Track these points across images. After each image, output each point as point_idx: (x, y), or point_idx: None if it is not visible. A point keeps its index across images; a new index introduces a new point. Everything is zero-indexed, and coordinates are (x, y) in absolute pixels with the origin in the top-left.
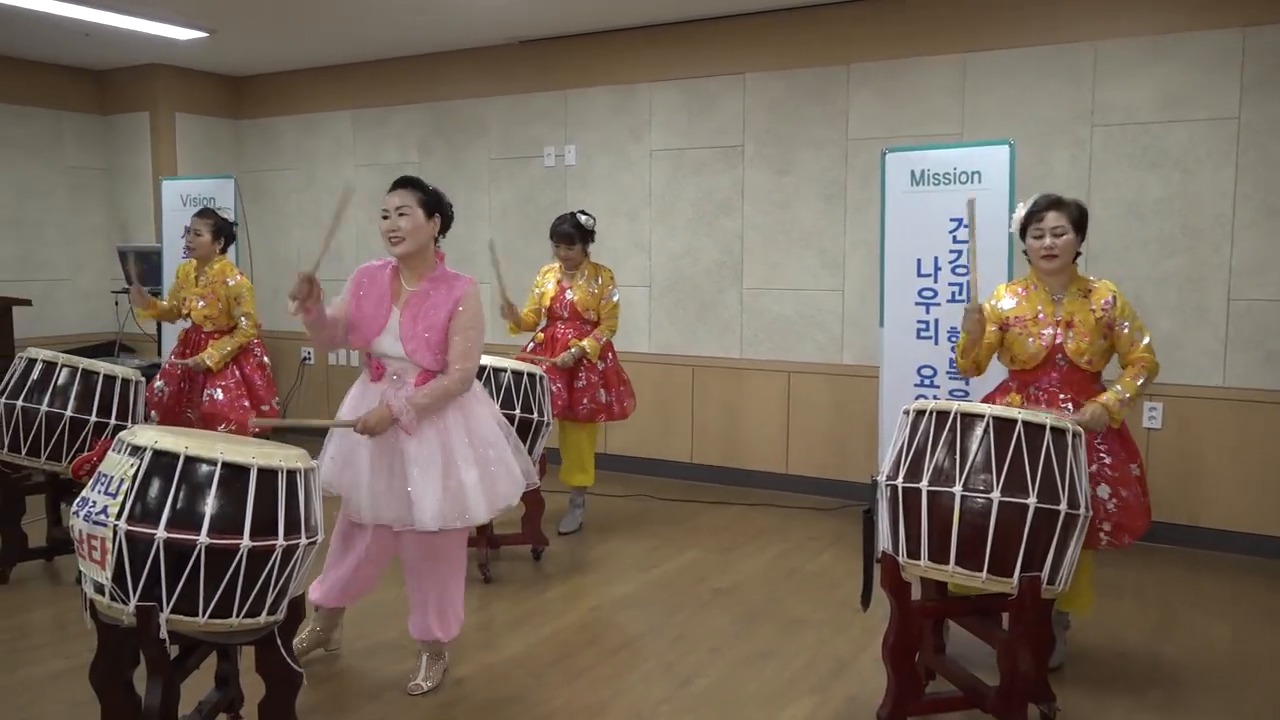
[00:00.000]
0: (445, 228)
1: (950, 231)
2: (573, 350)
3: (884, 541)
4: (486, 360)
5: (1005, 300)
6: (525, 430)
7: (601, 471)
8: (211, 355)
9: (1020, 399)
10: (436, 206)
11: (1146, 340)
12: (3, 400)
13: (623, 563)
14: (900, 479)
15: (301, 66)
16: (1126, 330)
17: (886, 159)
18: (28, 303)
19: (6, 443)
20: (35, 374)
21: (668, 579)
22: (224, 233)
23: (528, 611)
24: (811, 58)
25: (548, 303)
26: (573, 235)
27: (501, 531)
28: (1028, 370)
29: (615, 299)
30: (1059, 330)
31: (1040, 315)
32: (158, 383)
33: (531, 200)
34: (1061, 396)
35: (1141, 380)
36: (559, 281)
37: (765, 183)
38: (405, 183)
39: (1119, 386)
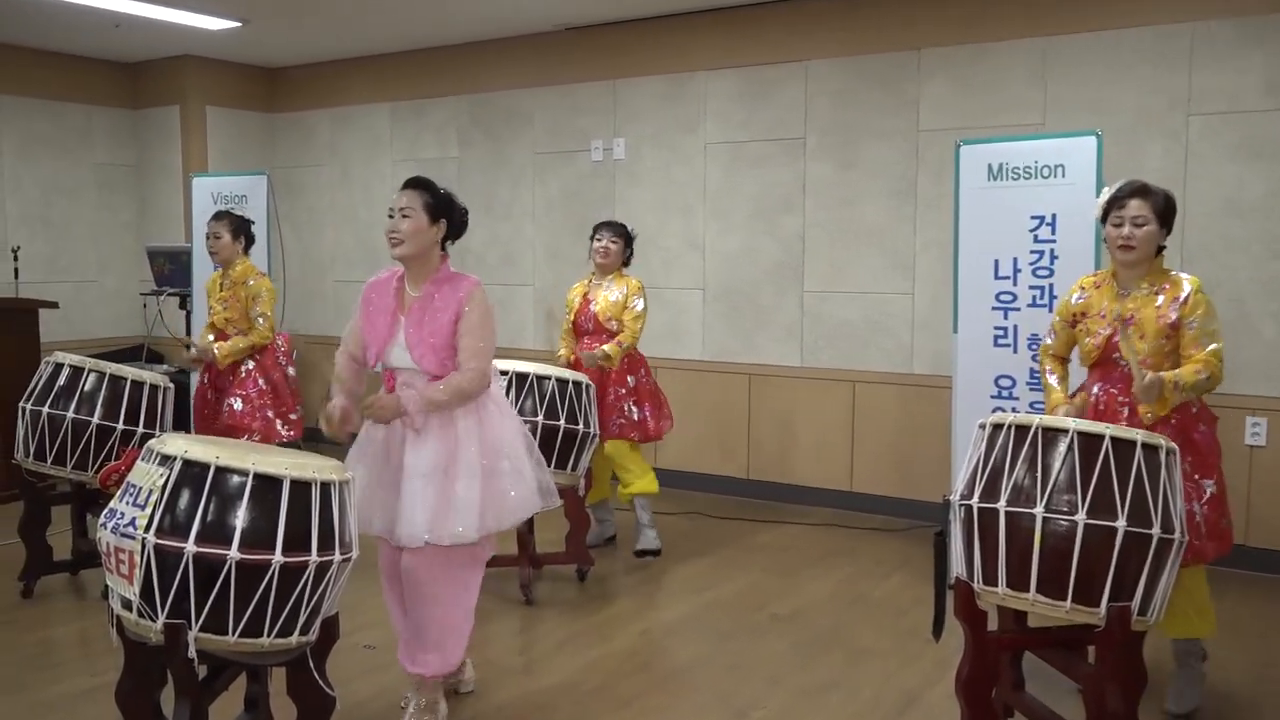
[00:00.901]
0: (456, 233)
1: (1031, 230)
2: (596, 351)
3: (957, 566)
4: (529, 368)
5: (1077, 294)
6: (570, 442)
7: None
8: (221, 348)
9: (1084, 398)
10: (443, 210)
11: (1214, 347)
12: (29, 406)
13: (674, 585)
14: (975, 498)
15: (337, 57)
16: (1194, 329)
17: (961, 151)
18: (55, 305)
19: (32, 450)
20: (62, 379)
21: (722, 603)
22: (243, 231)
23: (572, 635)
24: (879, 42)
25: (572, 314)
26: (619, 229)
27: (544, 550)
28: (1093, 368)
29: (639, 308)
30: (1117, 328)
31: (1102, 312)
32: (194, 400)
33: (578, 196)
34: (1120, 399)
35: (1203, 376)
36: (585, 295)
37: (829, 177)
38: (413, 183)
39: (1178, 371)
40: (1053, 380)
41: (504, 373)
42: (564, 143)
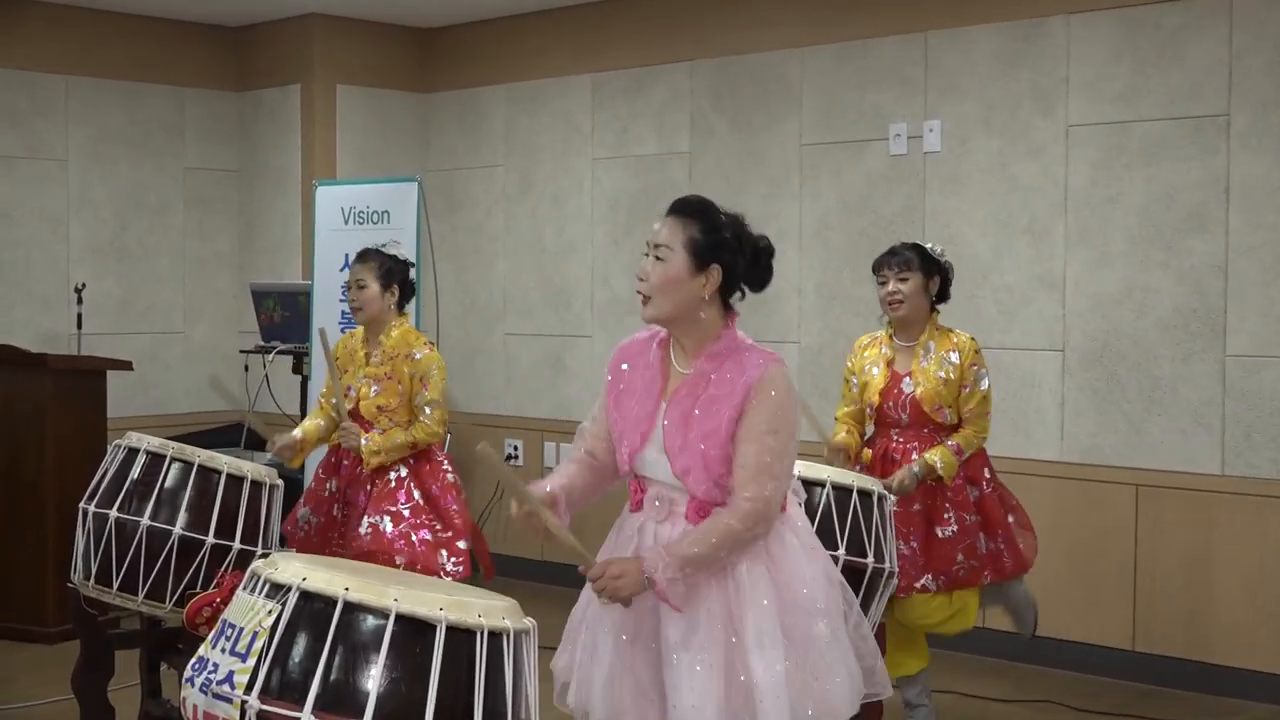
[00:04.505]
0: (756, 282)
1: None
2: (913, 467)
3: None
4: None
5: None
6: (854, 585)
7: (972, 658)
8: (373, 442)
9: None
10: (719, 250)
11: None
12: (91, 508)
13: None
14: None
15: (517, 10)
16: None
17: None
18: (128, 365)
19: (94, 571)
20: (136, 471)
21: None
22: (397, 277)
23: None
24: None
25: (874, 397)
26: (910, 259)
27: None
28: None
29: (985, 386)
30: None
31: None
32: (302, 510)
33: (867, 208)
34: None
35: None
36: (890, 363)
37: (1269, 176)
38: (681, 208)
39: None
40: None
41: None
42: (848, 128)
